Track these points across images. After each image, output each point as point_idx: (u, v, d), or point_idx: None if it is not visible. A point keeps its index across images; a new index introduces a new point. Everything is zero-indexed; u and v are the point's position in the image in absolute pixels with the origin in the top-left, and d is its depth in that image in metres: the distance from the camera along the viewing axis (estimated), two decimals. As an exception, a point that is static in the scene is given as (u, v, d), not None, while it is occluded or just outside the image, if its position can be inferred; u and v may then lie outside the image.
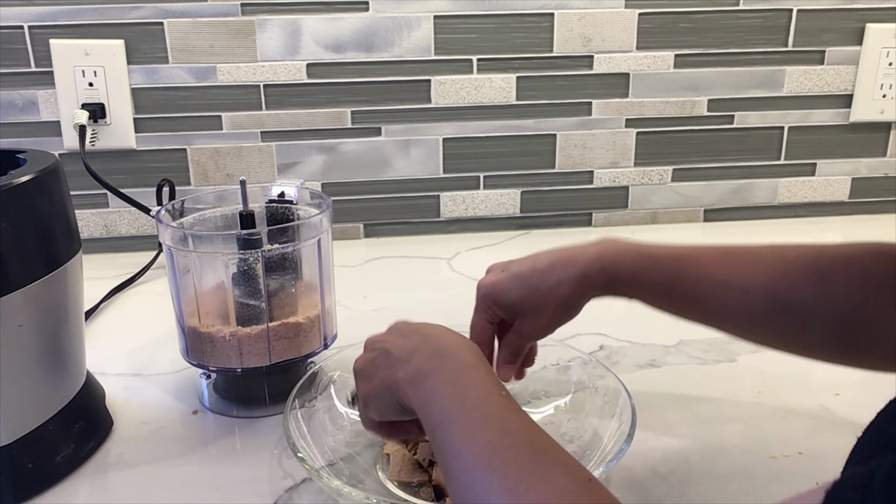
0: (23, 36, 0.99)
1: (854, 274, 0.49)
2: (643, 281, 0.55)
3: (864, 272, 0.49)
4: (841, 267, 0.50)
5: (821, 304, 0.50)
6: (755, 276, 0.52)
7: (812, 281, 0.50)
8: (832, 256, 0.51)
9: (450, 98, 1.08)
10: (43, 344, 0.57)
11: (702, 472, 0.58)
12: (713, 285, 0.53)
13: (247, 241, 0.64)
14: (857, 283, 0.49)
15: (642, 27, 1.08)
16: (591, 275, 0.55)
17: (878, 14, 1.10)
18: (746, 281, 0.52)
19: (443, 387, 0.45)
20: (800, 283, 0.51)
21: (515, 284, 0.57)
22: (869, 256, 0.50)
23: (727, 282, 0.53)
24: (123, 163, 1.06)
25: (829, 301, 0.49)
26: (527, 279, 0.57)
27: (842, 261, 0.50)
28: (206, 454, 0.62)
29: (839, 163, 1.18)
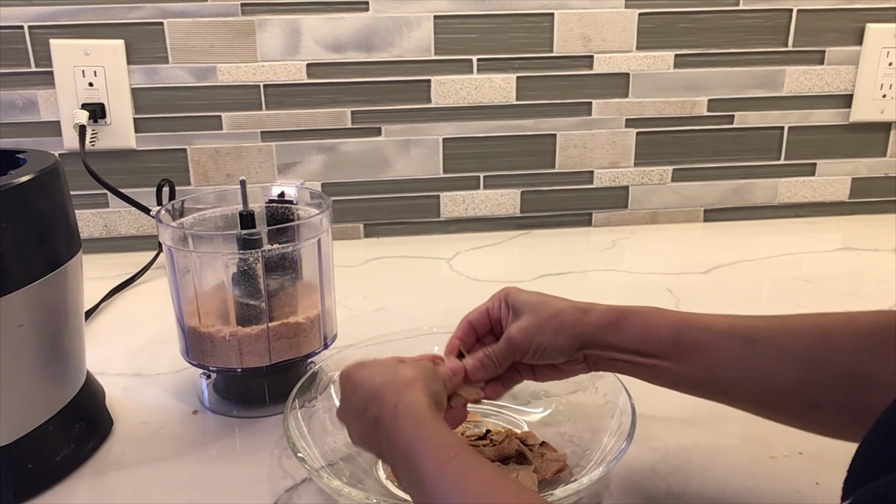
0: (23, 36, 0.99)
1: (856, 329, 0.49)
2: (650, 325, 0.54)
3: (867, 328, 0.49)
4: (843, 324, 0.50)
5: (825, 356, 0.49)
6: (759, 329, 0.53)
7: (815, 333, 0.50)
8: (834, 315, 0.52)
9: (450, 98, 1.08)
10: (43, 344, 0.57)
11: (702, 472, 0.58)
12: (719, 335, 0.53)
13: (247, 241, 0.64)
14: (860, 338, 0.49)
15: (642, 27, 1.08)
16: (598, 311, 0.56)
17: (878, 14, 1.10)
18: (751, 332, 0.52)
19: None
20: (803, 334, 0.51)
21: (535, 295, 0.58)
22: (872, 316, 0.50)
23: (732, 332, 0.53)
24: (123, 163, 1.06)
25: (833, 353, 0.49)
26: (547, 296, 0.58)
27: (843, 319, 0.51)
28: (206, 454, 0.62)
29: (839, 163, 1.18)
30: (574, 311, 0.56)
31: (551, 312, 0.56)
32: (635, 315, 0.55)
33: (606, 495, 0.55)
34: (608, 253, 1.08)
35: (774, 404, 0.54)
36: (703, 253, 1.07)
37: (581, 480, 0.51)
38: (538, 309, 0.57)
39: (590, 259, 1.05)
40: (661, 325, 0.54)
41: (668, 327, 0.54)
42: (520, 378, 0.60)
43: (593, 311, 0.56)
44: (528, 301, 0.58)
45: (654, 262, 1.03)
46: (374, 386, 0.51)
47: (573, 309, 0.56)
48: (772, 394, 0.54)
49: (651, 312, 0.55)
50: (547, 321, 0.56)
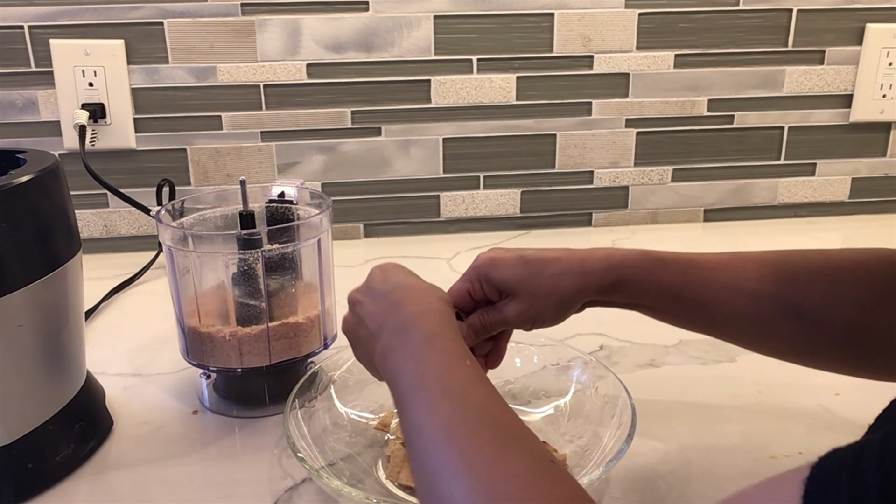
0: (23, 36, 0.99)
1: (861, 280, 0.49)
2: (650, 282, 0.53)
3: (872, 279, 0.49)
4: (848, 272, 0.49)
5: (829, 310, 0.49)
6: (764, 280, 0.51)
7: (821, 285, 0.50)
8: (839, 262, 0.50)
9: (450, 98, 1.08)
10: (43, 344, 0.57)
11: (702, 472, 0.58)
12: (722, 288, 0.52)
13: (247, 241, 0.64)
14: (864, 290, 0.49)
15: (642, 27, 1.08)
16: (596, 272, 0.53)
17: (878, 14, 1.10)
18: (756, 285, 0.51)
19: (406, 362, 0.44)
20: (808, 287, 0.50)
21: (518, 263, 0.55)
22: (875, 262, 0.49)
23: (736, 285, 0.52)
24: (123, 163, 1.06)
25: (838, 306, 0.49)
26: (530, 262, 0.54)
27: (849, 267, 0.50)
28: (206, 454, 0.62)
29: (839, 163, 1.18)
30: (570, 281, 0.53)
31: (548, 291, 0.54)
32: (635, 272, 0.53)
33: (607, 495, 0.55)
34: (608, 253, 1.08)
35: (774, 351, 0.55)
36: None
37: (581, 480, 0.51)
38: (531, 287, 0.54)
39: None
40: (661, 281, 0.53)
41: (669, 283, 0.53)
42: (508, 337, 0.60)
43: (591, 274, 0.53)
44: (517, 279, 0.54)
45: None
46: (412, 281, 0.52)
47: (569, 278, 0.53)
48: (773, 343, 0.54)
49: (651, 269, 0.53)
50: (544, 300, 0.54)
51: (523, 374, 0.69)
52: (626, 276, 0.53)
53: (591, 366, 0.65)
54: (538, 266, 0.54)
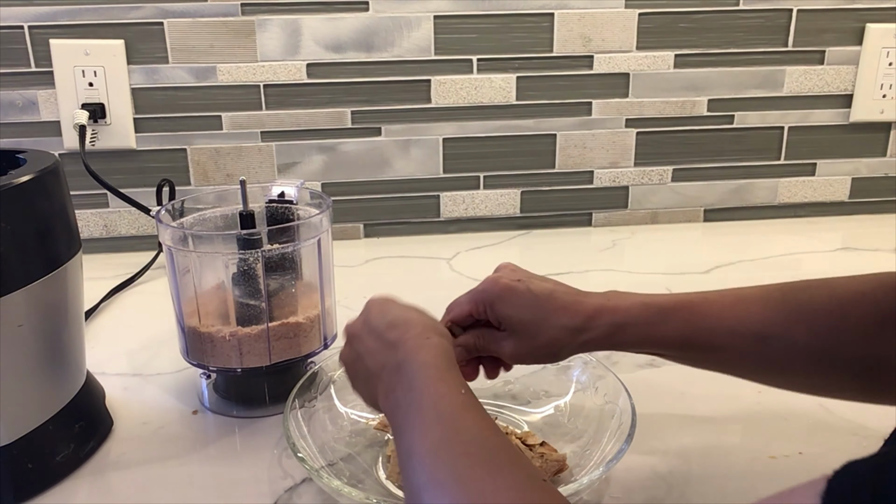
0: (23, 36, 0.99)
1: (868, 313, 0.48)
2: (655, 336, 0.53)
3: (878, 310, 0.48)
4: (854, 306, 0.49)
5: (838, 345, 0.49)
6: (769, 322, 0.51)
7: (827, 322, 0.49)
8: (843, 296, 0.50)
9: (450, 98, 1.08)
10: (43, 344, 0.57)
11: (702, 472, 0.58)
12: (728, 335, 0.52)
13: (247, 241, 0.64)
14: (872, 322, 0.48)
15: (642, 27, 1.08)
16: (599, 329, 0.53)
17: (878, 14, 1.10)
18: (761, 328, 0.51)
19: (403, 395, 0.45)
20: (815, 325, 0.49)
21: (525, 304, 0.54)
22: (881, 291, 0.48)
23: (742, 330, 0.51)
24: (123, 163, 1.06)
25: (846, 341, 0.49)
26: (538, 306, 0.54)
27: (854, 299, 0.49)
28: (206, 454, 0.62)
29: (839, 163, 1.18)
30: (573, 335, 0.53)
31: (546, 340, 0.54)
32: (638, 328, 0.53)
33: (606, 495, 0.55)
34: (608, 253, 1.08)
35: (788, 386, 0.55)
36: (703, 253, 1.07)
37: (581, 480, 0.51)
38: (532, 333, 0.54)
39: (590, 259, 1.05)
40: (665, 334, 0.53)
41: (673, 336, 0.53)
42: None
43: (594, 330, 0.53)
44: (521, 321, 0.54)
45: (654, 262, 1.03)
46: (408, 316, 0.51)
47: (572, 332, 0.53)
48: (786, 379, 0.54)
49: (654, 322, 0.53)
50: (543, 347, 0.54)
51: (523, 374, 0.68)
52: (628, 334, 0.53)
53: (591, 366, 0.65)
54: (544, 313, 0.54)
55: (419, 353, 0.47)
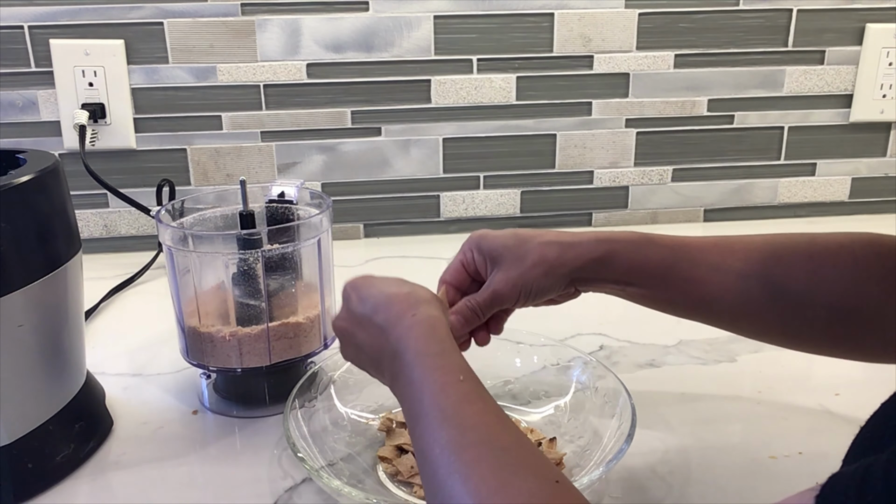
0: (23, 36, 0.99)
1: (845, 263, 0.50)
2: (639, 259, 0.53)
3: (855, 262, 0.49)
4: (832, 255, 0.50)
5: (814, 291, 0.50)
6: (751, 261, 0.52)
7: (806, 266, 0.50)
8: (823, 244, 0.51)
9: (450, 98, 1.08)
10: (43, 344, 0.57)
11: (702, 472, 0.58)
12: (710, 268, 0.53)
13: (247, 241, 0.64)
14: (848, 272, 0.49)
15: (642, 27, 1.08)
16: (585, 244, 0.53)
17: (878, 14, 1.10)
18: (743, 265, 0.52)
19: (405, 388, 0.44)
20: (794, 268, 0.51)
21: (508, 234, 0.55)
22: (859, 246, 0.50)
23: (724, 266, 0.52)
24: (123, 163, 1.06)
25: (822, 288, 0.50)
26: (519, 233, 0.55)
27: (833, 249, 0.51)
28: (206, 454, 0.62)
29: (839, 163, 1.18)
30: (559, 250, 0.53)
31: (535, 259, 0.53)
32: (624, 247, 0.54)
33: (607, 495, 0.55)
34: (608, 253, 1.08)
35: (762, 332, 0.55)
36: (703, 253, 1.07)
37: (581, 480, 0.51)
38: (519, 254, 0.54)
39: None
40: (650, 259, 0.54)
41: (657, 261, 0.53)
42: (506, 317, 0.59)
43: (579, 245, 0.53)
44: (506, 246, 0.54)
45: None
46: (388, 293, 0.50)
47: (557, 247, 0.53)
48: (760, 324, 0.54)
49: (640, 244, 0.54)
50: (532, 268, 0.53)
51: (523, 374, 0.69)
52: (615, 251, 0.54)
53: (591, 366, 0.65)
54: (527, 236, 0.55)
55: (410, 338, 0.46)
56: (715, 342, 0.78)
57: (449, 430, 0.39)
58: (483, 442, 0.38)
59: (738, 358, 0.75)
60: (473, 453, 0.38)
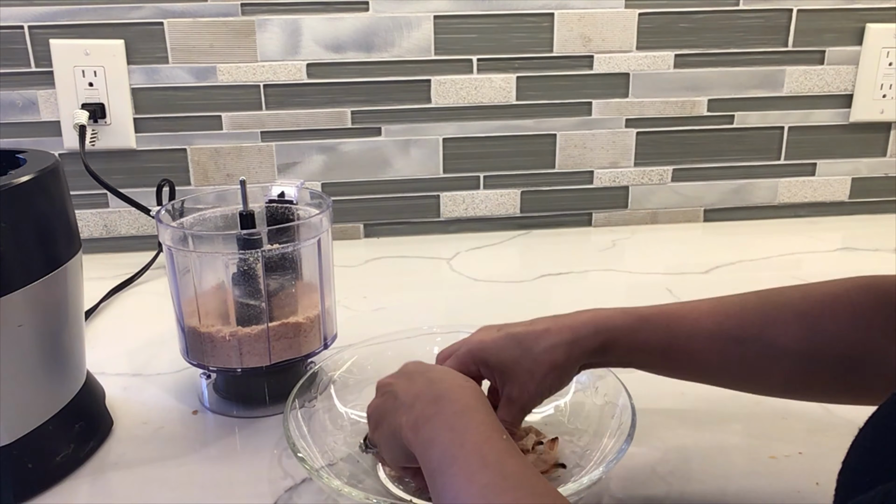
0: (23, 36, 0.99)
1: (843, 312, 0.49)
2: (637, 342, 0.54)
3: (854, 310, 0.49)
4: (829, 308, 0.50)
5: (815, 348, 0.49)
6: (746, 325, 0.52)
7: (803, 324, 0.50)
8: (818, 298, 0.51)
9: (450, 98, 1.08)
10: (43, 344, 0.57)
11: (702, 472, 0.58)
12: (707, 339, 0.53)
13: (247, 241, 0.64)
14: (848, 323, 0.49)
15: (642, 27, 1.08)
16: (585, 338, 0.54)
17: (878, 14, 1.10)
18: (739, 331, 0.52)
19: (442, 431, 0.44)
20: (792, 327, 0.50)
21: (509, 344, 0.55)
22: (856, 293, 0.49)
23: (720, 333, 0.52)
24: (123, 163, 1.06)
25: (823, 343, 0.49)
26: (521, 341, 0.55)
27: (829, 301, 0.50)
28: (206, 454, 0.62)
29: (839, 163, 1.18)
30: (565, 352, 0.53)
31: (547, 368, 0.53)
32: (621, 334, 0.54)
33: (606, 495, 0.55)
34: (608, 253, 1.08)
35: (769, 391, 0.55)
36: (703, 253, 1.07)
37: (581, 480, 0.51)
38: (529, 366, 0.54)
39: (590, 259, 1.05)
40: (648, 341, 0.54)
41: (655, 342, 0.54)
42: None
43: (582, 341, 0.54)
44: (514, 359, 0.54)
45: (654, 262, 1.03)
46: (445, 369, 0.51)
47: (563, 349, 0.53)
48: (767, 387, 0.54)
49: (636, 328, 0.54)
50: (546, 376, 0.54)
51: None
52: (613, 339, 0.54)
53: (591, 366, 0.65)
54: (529, 343, 0.54)
55: (460, 393, 0.46)
56: (715, 342, 0.78)
57: (489, 476, 0.40)
58: (521, 488, 0.39)
59: (738, 358, 0.75)
60: (511, 497, 0.38)
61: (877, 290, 0.49)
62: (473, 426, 0.44)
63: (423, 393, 0.48)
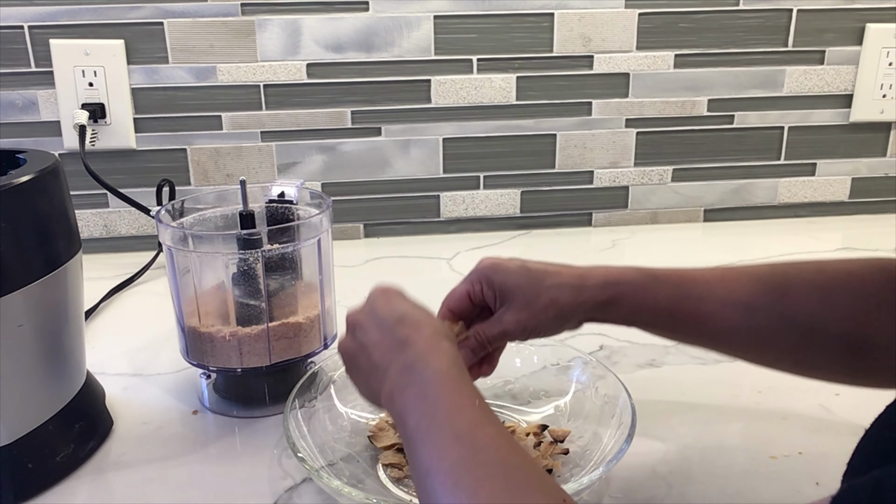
0: (23, 36, 0.99)
1: (855, 290, 0.49)
2: (646, 299, 0.54)
3: (865, 288, 0.49)
4: (842, 283, 0.50)
5: (825, 321, 0.49)
6: (758, 293, 0.52)
7: (815, 297, 0.50)
8: (832, 273, 0.50)
9: (450, 98, 1.08)
10: (43, 344, 0.57)
11: (702, 472, 0.58)
12: (717, 303, 0.52)
13: (247, 241, 0.64)
14: (859, 300, 0.49)
15: (642, 27, 1.08)
16: (593, 288, 0.54)
17: (878, 14, 1.10)
18: (750, 298, 0.52)
19: (414, 401, 0.43)
20: (803, 299, 0.50)
21: (518, 271, 0.55)
22: (868, 272, 0.49)
23: (731, 299, 0.52)
24: (123, 163, 1.06)
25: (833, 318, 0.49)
26: (531, 271, 0.55)
27: (842, 277, 0.50)
28: (206, 454, 0.62)
29: (839, 163, 1.18)
30: (570, 294, 0.54)
31: (547, 302, 0.54)
32: (631, 289, 0.54)
33: (607, 495, 0.55)
34: (608, 253, 1.08)
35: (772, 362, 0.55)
36: (703, 253, 1.07)
37: (581, 480, 0.51)
38: (531, 296, 0.54)
39: (590, 259, 1.04)
40: (657, 298, 0.54)
41: (664, 299, 0.54)
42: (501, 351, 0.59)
43: (588, 290, 0.54)
44: (518, 285, 0.55)
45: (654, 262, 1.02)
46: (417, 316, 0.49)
47: (569, 291, 0.54)
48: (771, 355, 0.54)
49: (647, 285, 0.54)
50: (543, 311, 0.54)
51: (523, 374, 0.69)
52: (622, 293, 0.54)
53: (591, 366, 0.65)
54: (538, 276, 0.55)
55: (432, 358, 0.45)
56: (715, 342, 0.78)
57: (460, 449, 0.39)
58: (493, 462, 0.38)
59: (738, 358, 0.75)
60: (483, 472, 0.38)
61: (891, 272, 0.48)
62: (445, 394, 0.43)
63: (395, 358, 0.47)
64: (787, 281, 0.51)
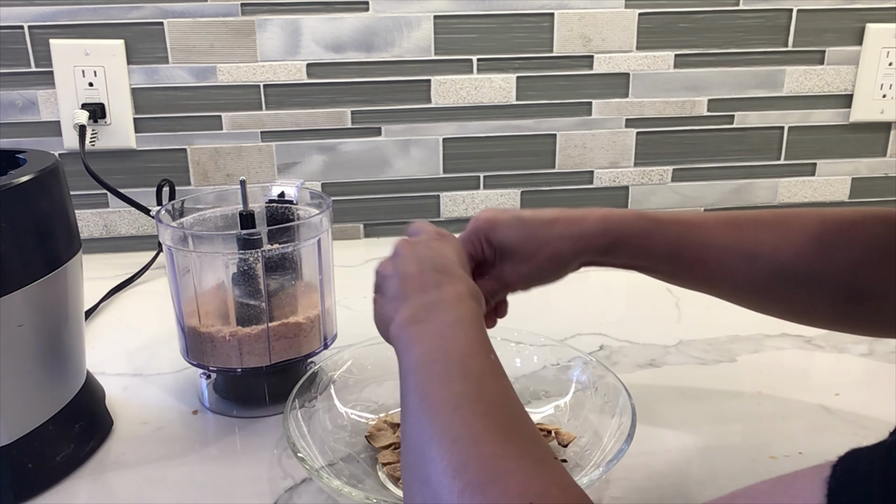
0: (23, 36, 0.99)
1: (857, 241, 0.49)
2: (646, 244, 0.54)
3: (867, 240, 0.49)
4: (845, 234, 0.50)
5: (825, 272, 0.49)
6: (760, 242, 0.52)
7: (816, 248, 0.50)
8: (835, 223, 0.50)
9: (450, 98, 1.08)
10: (43, 344, 0.57)
11: (702, 472, 0.58)
12: (718, 250, 0.53)
13: (247, 241, 0.64)
14: (860, 251, 0.49)
15: (642, 27, 1.08)
16: (593, 234, 0.54)
17: (878, 14, 1.10)
18: (752, 247, 0.52)
19: (431, 336, 0.43)
20: (804, 249, 0.50)
21: (515, 225, 0.55)
22: (872, 222, 0.49)
23: (732, 247, 0.52)
24: (123, 163, 1.06)
25: (834, 268, 0.49)
26: (527, 223, 0.55)
27: (845, 228, 0.50)
28: (206, 454, 0.62)
29: (839, 163, 1.18)
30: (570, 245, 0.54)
31: (548, 254, 0.54)
32: (631, 234, 0.54)
33: (607, 495, 0.55)
34: (608, 253, 1.08)
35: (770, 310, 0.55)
36: (703, 253, 1.07)
37: (581, 480, 0.51)
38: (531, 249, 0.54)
39: (590, 259, 1.05)
40: (658, 244, 0.54)
41: (665, 246, 0.54)
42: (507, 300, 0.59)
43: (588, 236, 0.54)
44: (517, 241, 0.55)
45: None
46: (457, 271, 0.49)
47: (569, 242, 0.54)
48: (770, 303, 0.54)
49: (648, 230, 0.54)
50: (544, 262, 0.54)
51: (523, 374, 0.69)
52: (622, 238, 0.54)
53: (591, 366, 0.65)
54: (535, 228, 0.55)
55: (458, 308, 0.45)
56: (715, 342, 0.78)
57: (466, 385, 0.39)
58: (494, 404, 0.38)
59: (738, 358, 0.75)
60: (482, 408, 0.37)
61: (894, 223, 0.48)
62: (462, 338, 0.43)
63: (424, 293, 0.46)
64: (789, 229, 0.51)
